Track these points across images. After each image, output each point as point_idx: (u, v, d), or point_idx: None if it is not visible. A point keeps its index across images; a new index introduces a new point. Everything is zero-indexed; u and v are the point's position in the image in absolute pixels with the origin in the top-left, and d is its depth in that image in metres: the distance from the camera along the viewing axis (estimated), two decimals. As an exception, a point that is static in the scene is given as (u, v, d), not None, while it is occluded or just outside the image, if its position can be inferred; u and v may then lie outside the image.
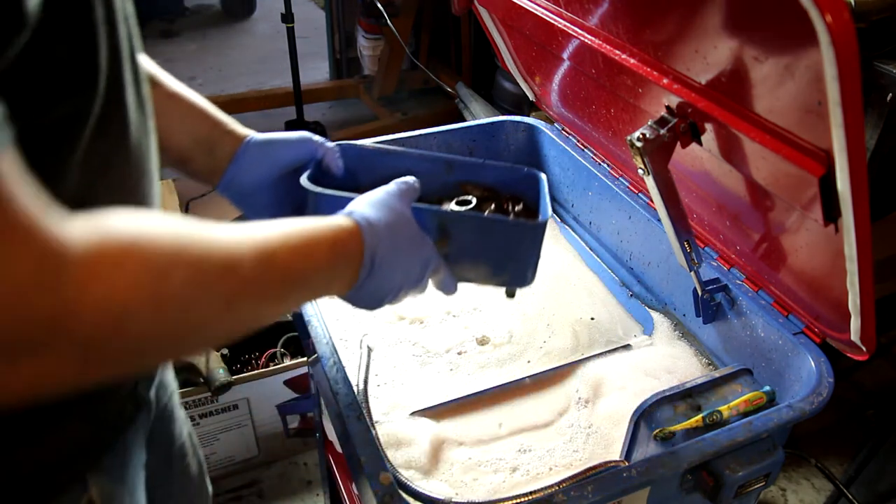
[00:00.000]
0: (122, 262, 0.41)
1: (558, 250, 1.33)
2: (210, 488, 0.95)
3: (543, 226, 0.78)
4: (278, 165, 0.81)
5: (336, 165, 0.86)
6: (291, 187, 0.81)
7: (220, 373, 1.62)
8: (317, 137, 0.85)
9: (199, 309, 0.47)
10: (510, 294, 0.84)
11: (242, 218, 0.75)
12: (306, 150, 0.83)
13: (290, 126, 2.79)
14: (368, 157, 0.89)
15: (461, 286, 0.79)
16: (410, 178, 0.73)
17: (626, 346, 1.09)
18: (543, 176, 0.89)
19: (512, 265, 0.80)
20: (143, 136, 0.58)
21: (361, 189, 0.76)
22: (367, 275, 0.64)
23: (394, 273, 0.67)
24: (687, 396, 0.85)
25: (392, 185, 0.72)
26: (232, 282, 0.49)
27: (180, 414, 0.84)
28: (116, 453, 0.66)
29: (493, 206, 0.89)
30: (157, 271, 0.43)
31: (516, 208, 0.90)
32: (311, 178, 0.81)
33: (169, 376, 0.81)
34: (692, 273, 0.97)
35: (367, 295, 0.67)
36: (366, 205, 0.68)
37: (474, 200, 0.87)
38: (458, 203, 0.87)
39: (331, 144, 0.86)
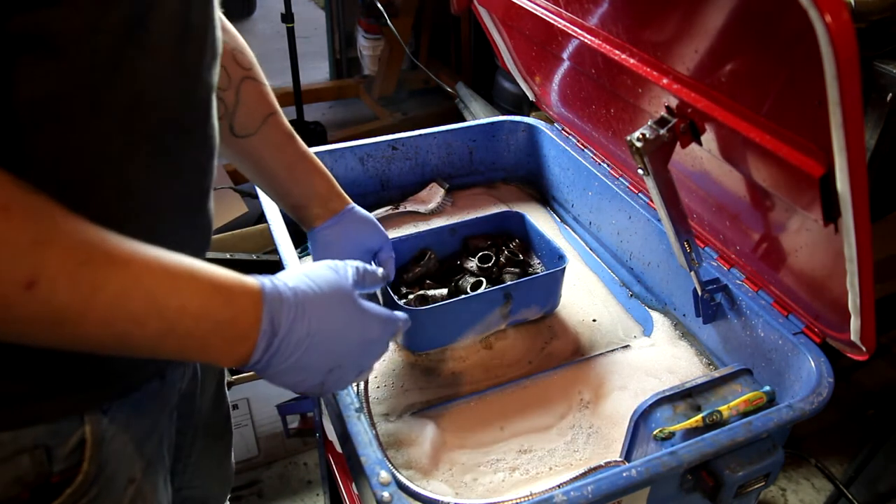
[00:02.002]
0: None
1: (558, 250, 1.33)
2: (232, 475, 1.05)
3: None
4: (359, 237, 0.95)
5: (387, 266, 0.98)
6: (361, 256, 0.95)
7: (220, 373, 1.62)
8: (387, 239, 0.99)
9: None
10: None
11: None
12: (378, 240, 0.97)
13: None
14: (394, 247, 1.05)
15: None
16: (379, 269, 0.73)
17: (627, 347, 1.09)
18: (526, 215, 1.20)
19: (551, 298, 1.12)
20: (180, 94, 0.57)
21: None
22: (271, 346, 0.58)
23: (315, 357, 0.60)
24: (687, 396, 0.85)
25: (341, 264, 0.67)
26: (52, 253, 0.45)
27: (219, 396, 0.92)
28: (127, 405, 0.66)
29: (504, 251, 1.16)
30: None
31: (511, 245, 1.19)
32: None
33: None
34: (692, 273, 0.97)
35: (282, 375, 0.60)
36: (292, 274, 0.62)
37: (493, 255, 1.15)
38: (480, 259, 1.15)
39: (390, 251, 0.99)
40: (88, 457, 0.62)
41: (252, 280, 0.58)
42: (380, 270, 0.73)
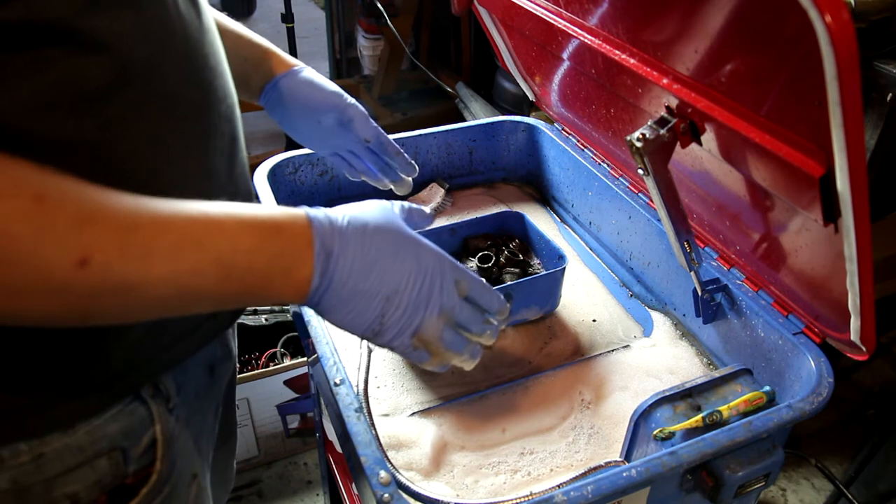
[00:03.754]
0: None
1: (558, 250, 1.33)
2: (234, 477, 1.06)
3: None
4: (313, 103, 0.92)
5: (373, 135, 0.96)
6: (329, 133, 0.94)
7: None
8: (348, 99, 0.96)
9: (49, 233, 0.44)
10: None
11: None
12: (334, 103, 0.93)
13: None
14: None
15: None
16: (426, 207, 0.71)
17: (627, 347, 1.09)
18: (526, 215, 1.19)
19: (551, 298, 1.12)
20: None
21: None
22: (328, 270, 0.56)
23: (371, 280, 0.58)
24: (687, 396, 0.85)
25: (387, 202, 0.64)
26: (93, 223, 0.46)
27: (230, 396, 0.91)
28: (186, 403, 0.69)
29: (504, 251, 1.16)
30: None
31: (511, 245, 1.19)
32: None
33: (234, 346, 0.86)
34: (692, 273, 0.97)
35: (343, 306, 0.58)
36: (340, 207, 0.61)
37: (493, 255, 1.14)
38: (480, 259, 1.14)
39: (360, 110, 0.96)
40: (160, 456, 0.64)
41: (298, 210, 0.57)
42: (427, 209, 0.73)
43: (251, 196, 0.71)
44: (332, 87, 0.94)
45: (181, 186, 0.60)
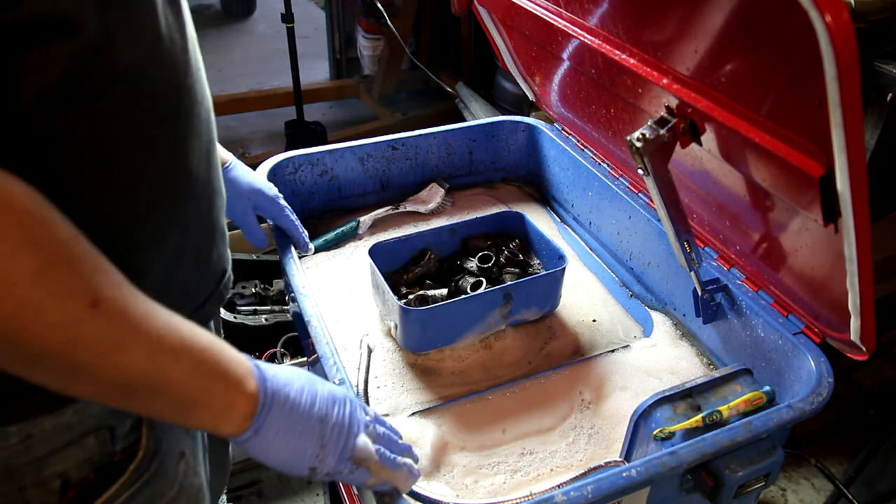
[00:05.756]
0: (8, 207, 0.45)
1: (558, 250, 1.33)
2: (230, 466, 1.07)
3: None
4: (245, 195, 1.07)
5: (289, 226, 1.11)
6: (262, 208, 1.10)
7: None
8: (271, 195, 1.10)
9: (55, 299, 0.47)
10: None
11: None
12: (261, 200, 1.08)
13: (290, 126, 2.79)
14: (394, 248, 1.13)
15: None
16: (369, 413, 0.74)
17: (627, 347, 1.09)
18: (526, 215, 1.20)
19: (551, 298, 1.11)
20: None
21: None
22: (256, 429, 0.60)
23: (303, 402, 0.63)
24: (687, 396, 0.85)
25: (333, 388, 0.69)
26: (91, 294, 0.48)
27: None
28: None
29: (504, 251, 1.17)
30: (33, 235, 0.46)
31: (511, 245, 1.19)
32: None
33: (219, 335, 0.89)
34: (692, 273, 0.96)
35: (284, 430, 0.62)
36: (290, 372, 0.66)
37: (493, 255, 1.15)
38: (480, 259, 1.15)
39: (253, 223, 1.09)
40: (146, 433, 0.66)
41: (251, 365, 0.62)
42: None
43: (223, 194, 0.76)
44: (244, 191, 1.07)
45: (165, 185, 0.63)
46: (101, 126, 0.55)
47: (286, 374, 0.64)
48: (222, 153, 1.03)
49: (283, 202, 1.11)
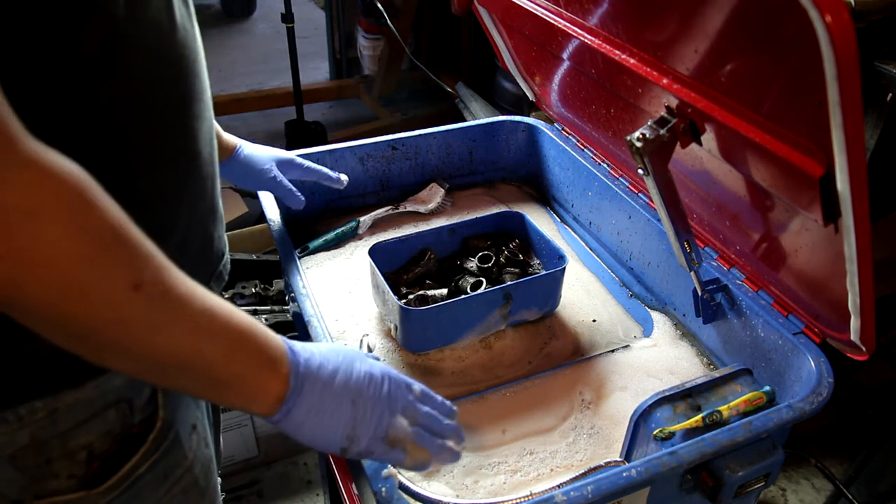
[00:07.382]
0: (60, 192, 0.45)
1: (558, 250, 1.33)
2: (221, 453, 1.07)
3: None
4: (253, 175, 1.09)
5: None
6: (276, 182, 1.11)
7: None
8: (288, 158, 1.14)
9: (102, 276, 0.48)
10: None
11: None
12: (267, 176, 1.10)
13: (290, 126, 2.79)
14: (394, 248, 1.14)
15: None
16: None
17: (627, 347, 1.09)
18: (526, 215, 1.20)
19: (551, 298, 1.12)
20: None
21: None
22: (292, 406, 0.61)
23: (336, 383, 0.63)
24: (687, 396, 0.85)
25: (372, 361, 0.69)
26: (135, 279, 0.49)
27: None
28: None
29: (504, 251, 1.17)
30: (83, 221, 0.47)
31: (511, 245, 1.19)
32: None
33: None
34: (692, 273, 0.97)
35: (315, 411, 0.62)
36: (324, 348, 0.66)
37: (493, 255, 1.15)
38: (480, 259, 1.15)
39: (288, 186, 1.12)
40: (162, 404, 0.69)
41: (284, 346, 0.62)
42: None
43: (218, 176, 0.80)
44: (264, 159, 1.10)
45: (179, 164, 0.68)
46: (125, 108, 0.58)
47: (322, 354, 0.64)
48: (230, 138, 1.07)
49: (300, 159, 1.16)
